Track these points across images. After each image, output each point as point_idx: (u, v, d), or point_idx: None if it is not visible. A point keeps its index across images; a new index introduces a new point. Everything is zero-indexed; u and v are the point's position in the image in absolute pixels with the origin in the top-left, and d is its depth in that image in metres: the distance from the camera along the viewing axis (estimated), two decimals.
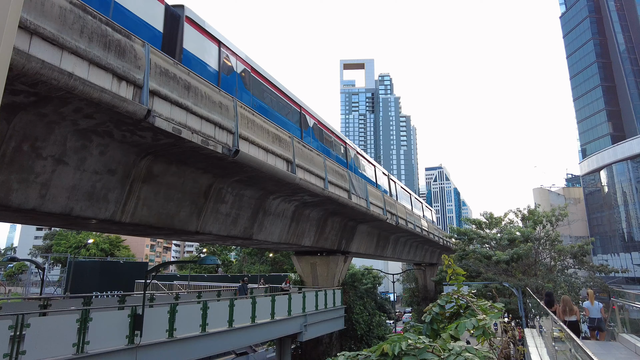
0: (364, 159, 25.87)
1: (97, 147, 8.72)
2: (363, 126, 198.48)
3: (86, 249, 59.64)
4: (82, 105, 7.22)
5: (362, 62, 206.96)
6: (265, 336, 17.03)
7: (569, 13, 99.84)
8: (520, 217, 30.06)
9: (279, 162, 12.73)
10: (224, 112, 10.13)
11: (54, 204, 8.45)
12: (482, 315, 5.04)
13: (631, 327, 11.84)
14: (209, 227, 13.12)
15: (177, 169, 10.84)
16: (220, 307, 13.86)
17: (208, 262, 11.87)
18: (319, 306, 20.32)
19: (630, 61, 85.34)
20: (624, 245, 57.41)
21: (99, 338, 9.55)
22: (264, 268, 56.29)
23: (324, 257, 24.24)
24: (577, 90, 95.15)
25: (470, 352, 3.82)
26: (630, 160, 55.88)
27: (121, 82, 7.38)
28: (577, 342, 5.70)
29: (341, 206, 18.31)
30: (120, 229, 12.85)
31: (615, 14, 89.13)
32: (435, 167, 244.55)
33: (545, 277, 24.70)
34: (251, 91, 13.88)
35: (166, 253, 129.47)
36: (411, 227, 29.91)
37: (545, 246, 26.95)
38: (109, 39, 7.10)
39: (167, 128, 8.21)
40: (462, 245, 30.45)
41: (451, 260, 6.31)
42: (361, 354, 4.21)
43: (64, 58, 6.33)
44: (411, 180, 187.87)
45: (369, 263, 52.16)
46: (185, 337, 11.95)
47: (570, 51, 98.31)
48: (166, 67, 8.49)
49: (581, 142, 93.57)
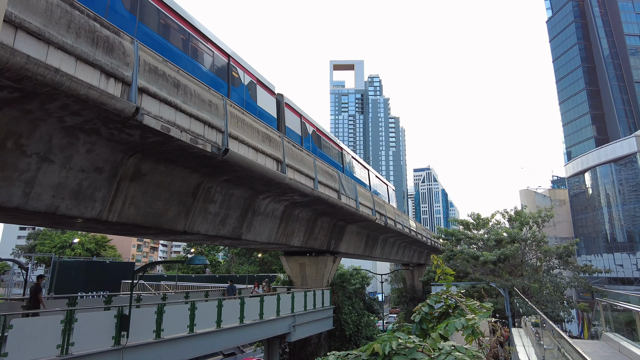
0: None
1: (84, 145, 8.57)
2: (352, 127, 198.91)
3: (71, 249, 58.67)
4: (69, 102, 7.09)
5: (352, 63, 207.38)
6: (254, 337, 16.94)
7: (555, 18, 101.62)
8: (507, 218, 30.48)
9: (268, 161, 12.68)
10: (213, 110, 10.04)
11: (39, 202, 8.28)
12: (471, 315, 5.08)
13: (614, 326, 12.08)
14: (197, 226, 13.00)
15: (165, 167, 10.71)
16: (209, 308, 13.74)
17: (196, 262, 11.74)
18: (308, 306, 20.29)
19: (613, 66, 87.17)
20: (607, 246, 58.53)
21: (84, 339, 9.38)
22: (253, 268, 56.03)
23: (313, 258, 24.21)
24: (562, 93, 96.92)
25: (460, 352, 3.84)
26: (614, 163, 57.00)
27: (109, 79, 7.26)
28: (567, 340, 5.78)
29: (331, 206, 18.32)
30: (107, 228, 12.65)
31: (600, 20, 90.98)
32: (424, 169, 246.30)
33: (532, 277, 25.06)
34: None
35: (153, 253, 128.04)
36: (400, 227, 30.06)
37: (532, 247, 27.36)
38: (97, 35, 6.98)
39: (155, 126, 8.11)
40: (450, 246, 30.76)
41: (440, 260, 6.35)
42: (352, 354, 4.20)
43: (50, 53, 6.20)
44: (400, 181, 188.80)
45: (357, 263, 52.34)
46: (173, 338, 11.82)
47: (556, 55, 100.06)
48: (155, 65, 8.38)
49: (566, 145, 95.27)
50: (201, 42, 12.08)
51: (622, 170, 56.20)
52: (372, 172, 29.28)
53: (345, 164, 23.36)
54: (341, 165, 22.61)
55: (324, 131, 21.26)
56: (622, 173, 56.25)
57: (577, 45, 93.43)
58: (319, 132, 20.57)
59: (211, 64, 12.49)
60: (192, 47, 11.59)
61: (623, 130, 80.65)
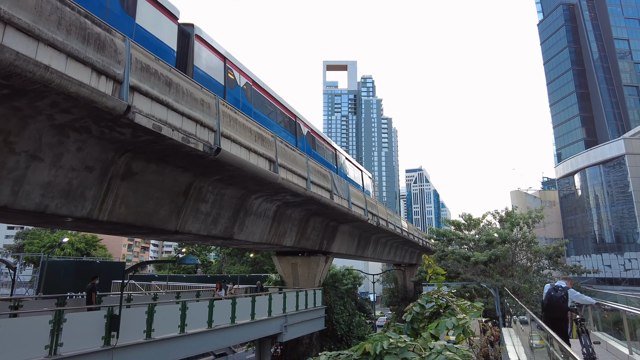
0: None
1: (75, 143, 8.48)
2: (345, 128, 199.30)
3: (61, 249, 58.00)
4: (59, 100, 7.01)
5: (345, 63, 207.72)
6: (245, 337, 16.89)
7: (546, 21, 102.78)
8: (498, 218, 30.75)
9: (261, 161, 12.65)
10: (205, 109, 10.00)
11: (28, 201, 8.18)
12: (462, 315, 5.11)
13: (602, 326, 12.26)
14: (189, 226, 12.92)
15: (156, 166, 10.64)
16: (200, 308, 13.68)
17: (187, 262, 11.69)
18: (300, 306, 20.28)
19: (603, 69, 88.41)
20: (596, 246, 59.34)
21: (74, 339, 9.28)
22: (245, 269, 55.85)
23: (305, 258, 24.21)
24: (553, 96, 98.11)
25: (451, 351, 3.87)
26: (602, 165, 57.81)
27: (100, 77, 7.19)
28: (557, 340, 5.84)
29: (323, 206, 18.33)
30: (98, 227, 12.53)
31: (590, 24, 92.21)
32: (416, 169, 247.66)
33: (522, 277, 25.31)
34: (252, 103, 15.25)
35: (144, 253, 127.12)
36: (392, 227, 30.18)
37: (522, 247, 27.62)
38: (88, 32, 6.91)
39: (147, 125, 8.05)
40: (441, 246, 30.94)
41: (431, 260, 6.39)
42: (343, 353, 4.21)
43: (39, 50, 6.13)
44: (392, 181, 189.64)
45: (349, 263, 52.42)
46: (164, 338, 11.74)
47: (547, 58, 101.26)
48: (147, 63, 8.33)
49: (557, 147, 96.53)
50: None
51: (611, 172, 57.00)
52: (342, 152, 25.73)
53: (298, 133, 19.40)
54: (293, 135, 18.73)
55: (262, 85, 16.61)
56: (611, 175, 57.05)
57: (567, 48, 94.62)
58: (256, 86, 16.04)
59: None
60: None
61: (612, 132, 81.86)
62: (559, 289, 8.23)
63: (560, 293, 8.19)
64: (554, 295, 8.23)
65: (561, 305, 8.09)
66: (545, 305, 8.41)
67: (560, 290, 8.23)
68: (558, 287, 8.32)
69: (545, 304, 8.39)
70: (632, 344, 8.78)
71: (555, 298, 8.17)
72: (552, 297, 8.23)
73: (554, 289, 8.31)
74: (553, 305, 8.18)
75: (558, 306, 8.10)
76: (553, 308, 8.21)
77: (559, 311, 8.10)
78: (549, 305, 8.29)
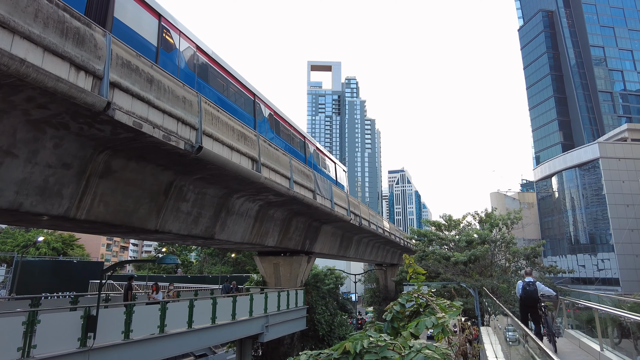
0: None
1: (51, 140, 8.27)
2: (329, 128, 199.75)
3: (36, 248, 56.32)
4: (35, 95, 6.83)
5: (330, 64, 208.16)
6: (226, 337, 16.75)
7: (526, 26, 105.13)
8: (477, 219, 31.24)
9: (243, 160, 12.57)
10: (187, 107, 9.88)
11: (1, 198, 7.93)
12: (441, 314, 5.19)
13: (575, 324, 12.63)
14: (169, 225, 12.75)
15: (136, 164, 10.46)
16: (180, 308, 13.52)
17: (167, 262, 11.52)
18: (281, 307, 20.23)
19: (579, 75, 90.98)
20: (571, 247, 60.93)
21: (48, 341, 9.05)
22: (226, 269, 55.33)
23: (288, 258, 24.15)
24: (532, 100, 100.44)
25: (430, 349, 3.92)
26: (578, 168, 59.39)
27: (79, 72, 7.03)
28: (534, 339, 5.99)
29: (306, 206, 18.32)
30: (75, 226, 12.22)
31: (567, 30, 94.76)
32: (398, 170, 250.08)
33: (500, 277, 25.81)
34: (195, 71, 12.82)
35: (123, 252, 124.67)
36: (374, 228, 30.38)
37: (501, 248, 28.15)
38: (66, 26, 6.75)
39: (127, 122, 7.91)
40: (422, 247, 31.28)
41: (412, 260, 6.46)
42: (323, 353, 4.22)
43: (15, 43, 5.95)
44: (375, 182, 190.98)
45: (331, 263, 52.55)
46: (142, 339, 11.56)
47: (527, 62, 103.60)
48: (128, 59, 8.18)
49: (535, 150, 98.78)
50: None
51: (586, 175, 58.63)
52: (313, 141, 24.12)
53: (258, 114, 17.01)
54: (251, 116, 16.47)
55: (210, 54, 13.95)
56: (586, 178, 58.67)
57: (546, 53, 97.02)
58: (202, 53, 13.42)
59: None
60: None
61: (587, 136, 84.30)
62: (531, 284, 10.37)
63: (532, 287, 10.29)
64: (529, 289, 10.34)
65: (534, 296, 10.25)
66: (523, 297, 10.49)
67: (531, 284, 10.35)
68: (530, 282, 10.41)
69: (523, 296, 10.48)
70: (603, 341, 9.07)
71: (529, 291, 10.33)
72: (527, 290, 10.38)
73: (527, 284, 10.41)
74: (528, 296, 10.35)
75: (532, 297, 10.28)
76: (528, 298, 10.36)
77: (533, 300, 10.28)
78: (525, 297, 10.41)
